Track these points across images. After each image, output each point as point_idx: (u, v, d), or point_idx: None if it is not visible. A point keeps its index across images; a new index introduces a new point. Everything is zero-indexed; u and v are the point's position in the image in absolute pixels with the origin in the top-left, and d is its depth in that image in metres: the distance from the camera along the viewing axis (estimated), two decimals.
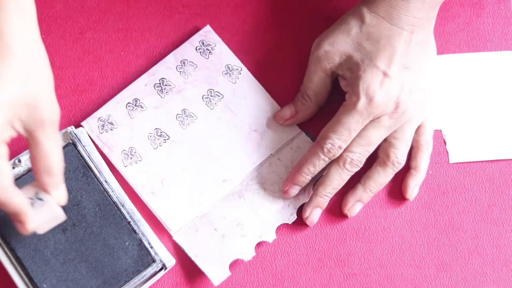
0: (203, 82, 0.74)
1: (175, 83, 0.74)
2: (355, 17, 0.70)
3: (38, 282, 0.66)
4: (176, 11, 0.77)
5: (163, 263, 0.68)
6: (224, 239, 0.70)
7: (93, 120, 0.73)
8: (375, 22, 0.69)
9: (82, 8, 0.76)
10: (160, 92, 0.74)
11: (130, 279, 0.67)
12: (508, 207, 0.73)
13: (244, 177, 0.72)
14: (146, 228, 0.69)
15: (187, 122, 0.73)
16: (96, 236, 0.68)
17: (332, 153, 0.69)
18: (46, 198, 0.62)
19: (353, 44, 0.70)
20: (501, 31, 0.77)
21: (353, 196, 0.72)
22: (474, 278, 0.72)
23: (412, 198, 0.72)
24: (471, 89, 0.76)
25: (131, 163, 0.72)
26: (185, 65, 0.74)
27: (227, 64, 0.75)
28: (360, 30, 0.70)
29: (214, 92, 0.74)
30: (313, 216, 0.71)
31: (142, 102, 0.73)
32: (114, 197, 0.69)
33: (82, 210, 0.68)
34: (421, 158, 0.72)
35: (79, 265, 0.67)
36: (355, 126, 0.69)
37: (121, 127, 0.73)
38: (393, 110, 0.69)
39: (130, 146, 0.72)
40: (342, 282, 0.71)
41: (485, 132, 0.75)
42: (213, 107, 0.74)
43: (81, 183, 0.69)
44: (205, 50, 0.75)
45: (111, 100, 0.73)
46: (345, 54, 0.70)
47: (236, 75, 0.74)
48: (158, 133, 0.73)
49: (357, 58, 0.69)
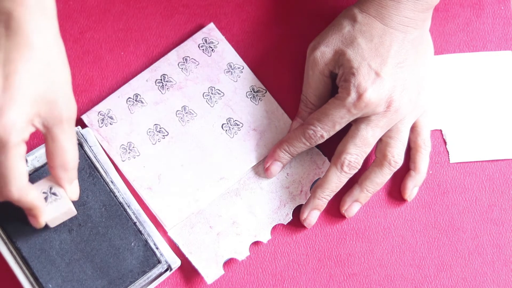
0: (204, 79, 0.74)
1: (176, 79, 0.74)
2: (347, 18, 0.71)
3: (44, 282, 0.66)
4: (176, 11, 0.77)
5: (169, 264, 0.68)
6: (219, 237, 0.70)
7: (93, 114, 0.73)
8: (367, 21, 0.70)
9: (82, 8, 0.76)
10: (161, 88, 0.74)
11: (135, 280, 0.67)
12: (508, 207, 0.73)
13: (241, 176, 0.72)
14: (152, 229, 0.69)
15: (187, 119, 0.73)
16: (102, 237, 0.68)
17: (314, 139, 0.70)
18: (60, 193, 0.63)
19: (345, 41, 0.70)
20: (501, 31, 0.77)
21: (350, 197, 0.72)
22: (474, 278, 0.72)
23: (410, 199, 0.73)
24: (471, 89, 0.76)
25: (129, 158, 0.72)
26: (187, 62, 0.74)
27: (229, 62, 0.75)
28: (352, 29, 0.70)
29: (215, 90, 0.74)
30: (310, 218, 0.71)
31: (142, 97, 0.73)
32: (120, 197, 0.69)
33: (88, 210, 0.68)
34: (420, 158, 0.72)
35: (85, 266, 0.67)
36: (340, 120, 0.69)
37: (121, 121, 0.73)
38: (385, 109, 0.69)
39: (129, 141, 0.72)
40: (342, 282, 0.71)
41: (485, 132, 0.75)
42: (213, 105, 0.74)
43: (87, 184, 0.69)
44: (207, 48, 0.75)
45: (111, 94, 0.73)
46: (338, 51, 0.70)
47: (238, 74, 0.74)
48: (157, 129, 0.73)
49: (349, 55, 0.69)
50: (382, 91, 0.68)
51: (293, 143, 0.71)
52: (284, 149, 0.71)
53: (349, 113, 0.69)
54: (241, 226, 0.71)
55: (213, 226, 0.71)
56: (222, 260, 0.70)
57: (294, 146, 0.71)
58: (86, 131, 0.71)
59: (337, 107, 0.69)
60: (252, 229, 0.71)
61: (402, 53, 0.69)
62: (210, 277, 0.69)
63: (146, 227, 0.68)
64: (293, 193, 0.72)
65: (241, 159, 0.72)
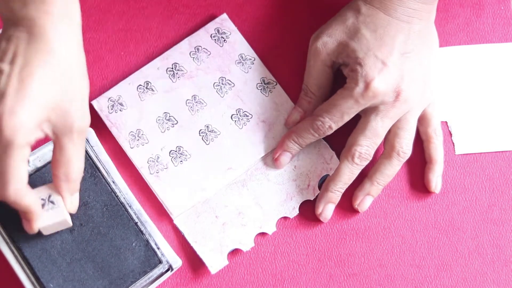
0: (215, 69, 0.74)
1: (188, 68, 0.74)
2: (351, 10, 0.71)
3: (45, 281, 0.66)
4: (176, 11, 0.77)
5: (170, 264, 0.68)
6: (225, 227, 0.71)
7: (103, 100, 0.73)
8: (371, 12, 0.70)
9: (82, 8, 0.76)
10: (172, 77, 0.74)
11: (136, 280, 0.67)
12: (508, 207, 0.73)
13: (248, 167, 0.72)
14: (153, 229, 0.68)
15: (196, 108, 0.73)
16: (103, 237, 0.68)
17: (322, 130, 0.70)
18: (58, 203, 0.62)
19: (349, 32, 0.70)
20: (501, 31, 0.77)
21: (362, 191, 0.72)
22: (474, 278, 0.72)
23: (438, 191, 0.72)
24: (476, 81, 0.76)
25: (138, 145, 0.72)
26: (199, 51, 0.75)
27: (241, 53, 0.75)
28: (356, 20, 0.70)
29: (226, 80, 0.74)
30: (326, 212, 0.71)
31: (153, 85, 0.74)
32: (121, 197, 0.69)
33: (89, 210, 0.68)
34: (434, 148, 0.72)
35: (86, 265, 0.67)
36: (348, 110, 0.69)
37: (131, 108, 0.73)
38: (394, 99, 0.69)
39: (138, 128, 0.73)
40: (342, 282, 0.71)
41: (491, 124, 0.75)
42: (223, 95, 0.74)
43: (88, 183, 0.69)
44: (219, 38, 0.75)
45: (122, 81, 0.74)
46: (342, 42, 0.70)
47: (249, 65, 0.75)
48: (167, 117, 0.73)
49: (354, 46, 0.69)
50: (390, 80, 0.68)
51: (302, 134, 0.71)
52: (293, 140, 0.71)
53: (357, 103, 0.69)
54: (247, 217, 0.71)
55: (219, 216, 0.71)
56: (227, 250, 0.70)
57: (303, 137, 0.71)
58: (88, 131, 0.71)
59: (345, 98, 0.69)
60: (257, 221, 0.71)
61: (408, 43, 0.69)
62: (214, 267, 0.70)
63: (148, 227, 0.68)
64: (300, 187, 0.72)
65: (249, 150, 0.73)
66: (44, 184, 0.63)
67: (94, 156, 0.70)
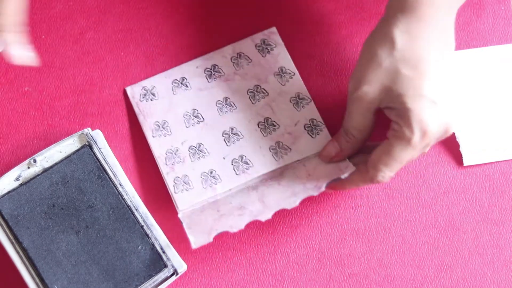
0: (252, 77, 0.75)
1: (226, 72, 0.75)
2: (383, 45, 0.66)
3: (49, 283, 0.66)
4: (176, 12, 0.77)
5: (175, 268, 0.68)
6: (222, 217, 0.70)
7: (137, 88, 0.74)
8: (408, 45, 0.65)
9: (82, 9, 0.76)
10: (208, 77, 0.75)
11: (141, 284, 0.67)
12: (508, 208, 0.73)
13: (264, 175, 0.72)
14: (159, 233, 0.68)
15: (225, 110, 0.74)
16: (109, 239, 0.68)
17: (383, 182, 0.68)
18: None
19: (389, 76, 0.65)
20: (501, 31, 0.77)
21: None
22: (474, 278, 0.72)
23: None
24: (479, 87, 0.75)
25: (160, 135, 0.73)
26: (241, 57, 0.75)
27: (281, 66, 0.75)
28: (393, 59, 0.65)
29: (261, 89, 0.74)
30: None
31: (188, 81, 0.75)
32: (128, 200, 0.69)
33: (95, 212, 0.68)
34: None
35: (91, 268, 0.67)
36: (409, 158, 0.66)
37: (162, 99, 0.74)
38: (442, 134, 0.66)
39: (164, 119, 0.73)
40: (342, 282, 0.71)
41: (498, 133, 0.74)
42: (255, 102, 0.74)
43: (95, 186, 0.69)
44: (264, 49, 0.76)
45: (159, 73, 0.75)
46: (384, 88, 0.66)
47: (287, 79, 0.75)
48: (194, 113, 0.74)
49: (397, 89, 0.65)
50: (442, 119, 0.65)
51: (359, 184, 0.69)
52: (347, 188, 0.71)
53: (414, 149, 0.65)
54: (247, 210, 0.70)
55: (221, 210, 0.71)
56: (215, 233, 0.68)
57: (357, 186, 0.70)
58: (96, 133, 0.71)
59: (403, 149, 0.65)
60: (255, 211, 0.70)
61: (445, 74, 0.66)
62: (196, 243, 0.67)
63: (153, 231, 0.68)
64: (306, 186, 0.71)
65: (267, 159, 0.73)
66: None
67: (101, 158, 0.70)
